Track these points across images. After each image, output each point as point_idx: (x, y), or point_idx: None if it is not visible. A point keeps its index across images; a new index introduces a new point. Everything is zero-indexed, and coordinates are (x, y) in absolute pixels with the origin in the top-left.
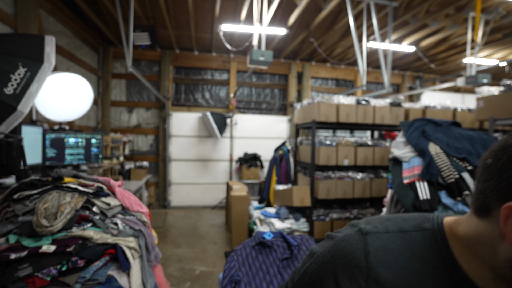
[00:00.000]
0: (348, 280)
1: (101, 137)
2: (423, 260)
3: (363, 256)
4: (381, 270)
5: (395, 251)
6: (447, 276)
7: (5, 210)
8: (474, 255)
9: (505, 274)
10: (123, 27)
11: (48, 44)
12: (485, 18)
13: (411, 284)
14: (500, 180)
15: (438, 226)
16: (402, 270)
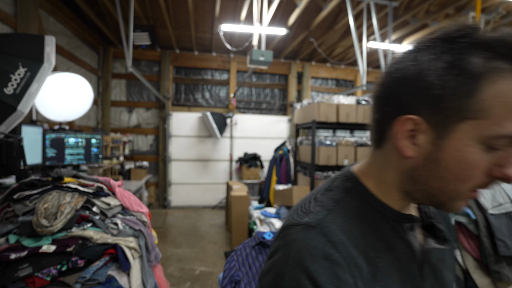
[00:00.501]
0: (331, 280)
1: (101, 137)
2: (367, 216)
3: (331, 247)
4: (355, 252)
5: (348, 226)
6: (383, 219)
7: (5, 210)
8: (384, 184)
9: (408, 188)
10: (123, 27)
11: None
12: (485, 18)
13: (375, 247)
14: (387, 104)
15: (355, 180)
16: (363, 237)
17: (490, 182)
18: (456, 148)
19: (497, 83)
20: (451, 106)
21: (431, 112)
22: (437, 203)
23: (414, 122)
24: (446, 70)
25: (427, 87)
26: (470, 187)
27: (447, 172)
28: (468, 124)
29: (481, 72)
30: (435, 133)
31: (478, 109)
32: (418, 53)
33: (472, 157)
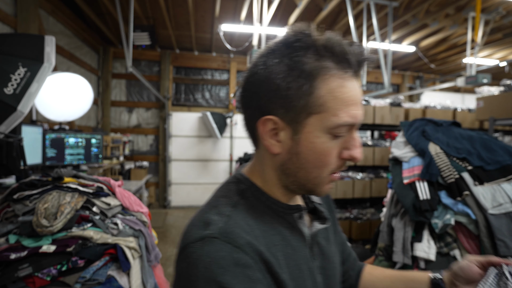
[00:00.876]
0: (251, 285)
1: (101, 137)
2: (262, 213)
3: (240, 252)
4: (261, 250)
5: (249, 227)
6: (276, 214)
7: (5, 210)
8: (268, 182)
9: (284, 182)
10: (123, 27)
11: (48, 44)
12: (485, 18)
13: (274, 241)
14: (250, 107)
15: (247, 181)
16: (263, 235)
17: (343, 164)
18: (309, 140)
19: (328, 81)
20: (298, 104)
21: (284, 111)
22: (308, 191)
23: (273, 122)
24: (288, 72)
25: (277, 89)
26: (328, 171)
27: (306, 162)
28: (314, 118)
29: (315, 72)
30: (291, 129)
31: (318, 104)
32: (267, 58)
33: (323, 146)
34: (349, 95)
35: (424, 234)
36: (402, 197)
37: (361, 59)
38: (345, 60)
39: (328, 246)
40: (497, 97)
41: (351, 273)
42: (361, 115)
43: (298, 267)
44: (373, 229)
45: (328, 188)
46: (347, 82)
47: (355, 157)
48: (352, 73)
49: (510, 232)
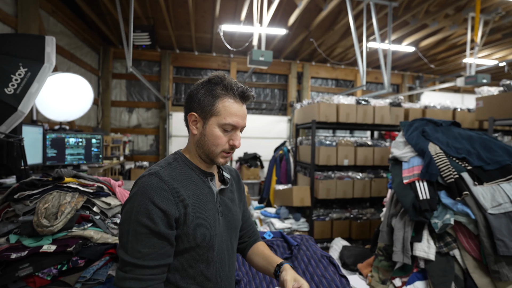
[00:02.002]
0: (162, 200)
1: (101, 137)
2: (186, 171)
3: (162, 182)
4: (175, 185)
5: (174, 174)
6: (195, 174)
7: (6, 210)
8: (192, 154)
9: (199, 152)
10: (123, 27)
11: (49, 44)
12: (485, 19)
13: (191, 187)
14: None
15: (180, 154)
16: (183, 182)
17: (231, 148)
18: (210, 129)
19: (223, 101)
20: (207, 110)
21: (200, 111)
22: (211, 159)
23: (195, 116)
24: (205, 94)
25: (199, 100)
26: (220, 149)
27: (208, 141)
28: (214, 118)
29: (217, 95)
30: (203, 122)
31: (216, 111)
32: (199, 85)
33: (217, 134)
34: (234, 110)
35: (424, 234)
36: (402, 197)
37: (241, 93)
38: (233, 92)
39: (232, 204)
40: (496, 97)
41: (246, 239)
42: (241, 123)
43: (203, 201)
44: (373, 229)
45: (223, 161)
46: (234, 104)
47: (235, 145)
48: (239, 99)
49: (510, 231)
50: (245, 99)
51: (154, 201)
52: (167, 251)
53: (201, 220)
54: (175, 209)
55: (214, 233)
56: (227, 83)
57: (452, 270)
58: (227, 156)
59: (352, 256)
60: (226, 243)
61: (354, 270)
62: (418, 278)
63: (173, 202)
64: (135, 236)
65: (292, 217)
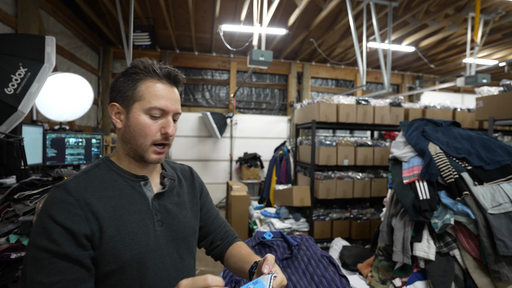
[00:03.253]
0: (66, 215)
1: (101, 137)
2: (109, 178)
3: (67, 195)
4: (86, 197)
5: (89, 184)
6: (122, 179)
7: (6, 210)
8: (120, 156)
9: (126, 150)
10: (123, 27)
11: (49, 44)
12: (485, 19)
13: (112, 197)
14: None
15: (104, 158)
16: (102, 192)
17: (163, 138)
18: (134, 117)
19: (145, 82)
20: (128, 95)
21: (121, 100)
22: (140, 157)
23: (116, 107)
24: (124, 79)
25: (118, 88)
26: (150, 141)
27: (133, 132)
28: (137, 103)
29: (137, 78)
30: (126, 111)
31: (139, 95)
32: (119, 74)
33: (143, 122)
34: (160, 92)
35: (424, 234)
36: (402, 197)
37: (167, 73)
38: (156, 73)
39: (179, 209)
40: (496, 97)
41: (218, 243)
42: (171, 106)
43: (128, 212)
44: (373, 229)
45: (156, 157)
46: (159, 85)
47: (167, 132)
48: (165, 81)
49: (510, 231)
50: (174, 81)
51: (54, 218)
52: (81, 276)
53: (124, 234)
54: (85, 225)
55: (146, 248)
56: (147, 64)
57: (452, 270)
58: (161, 151)
59: (352, 256)
60: (170, 258)
61: (354, 270)
62: (418, 278)
63: (82, 218)
64: (34, 264)
65: (292, 217)
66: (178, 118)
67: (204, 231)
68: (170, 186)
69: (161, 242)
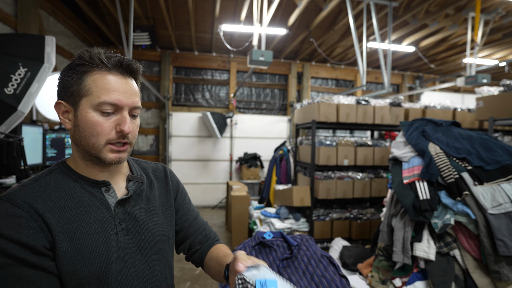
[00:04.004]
0: (18, 230)
1: None
2: (64, 186)
3: (14, 208)
4: (36, 207)
5: (40, 193)
6: (80, 186)
7: None
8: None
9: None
10: (123, 27)
11: (49, 44)
12: (485, 18)
13: (66, 207)
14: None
15: (60, 163)
16: (54, 202)
17: (120, 136)
18: (83, 115)
19: (91, 75)
20: (74, 91)
21: (67, 97)
22: (96, 157)
23: (63, 105)
24: (69, 73)
25: (63, 83)
26: (104, 140)
27: (84, 131)
28: (84, 99)
29: (82, 70)
30: (73, 109)
31: (86, 90)
32: (65, 67)
33: (93, 119)
34: (111, 84)
35: (424, 234)
36: (402, 197)
37: (118, 62)
38: (104, 63)
39: (148, 215)
40: (496, 97)
41: (197, 247)
42: (125, 100)
43: (86, 223)
44: (373, 229)
45: (114, 156)
46: (109, 76)
47: (123, 130)
48: (116, 71)
49: (510, 231)
50: (127, 71)
51: (3, 235)
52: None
53: (81, 248)
54: (43, 237)
55: (108, 261)
56: (94, 54)
57: (452, 270)
58: (120, 149)
59: (352, 256)
60: (136, 270)
61: (354, 270)
62: (418, 278)
63: (37, 230)
64: None
65: (292, 217)
66: (138, 113)
67: (182, 235)
68: (137, 190)
69: (126, 253)
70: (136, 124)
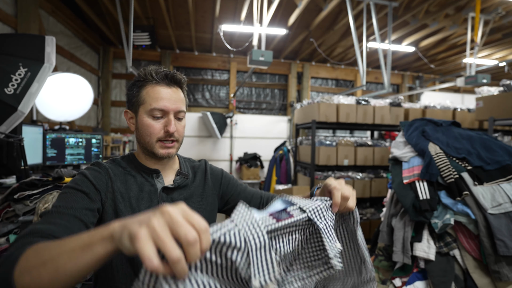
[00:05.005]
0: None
1: (101, 137)
2: (128, 169)
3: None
4: (110, 172)
5: (113, 168)
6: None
7: (6, 210)
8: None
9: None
10: (123, 27)
11: (49, 44)
12: (485, 19)
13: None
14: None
15: (129, 154)
16: (120, 176)
17: (167, 135)
18: (140, 119)
19: (145, 88)
20: (134, 101)
21: (131, 106)
22: (151, 152)
23: (129, 113)
24: (131, 87)
25: (127, 97)
26: (155, 138)
27: (142, 132)
28: (141, 107)
29: (139, 84)
30: (135, 115)
31: (142, 100)
32: (130, 83)
33: (147, 123)
34: (158, 94)
35: (424, 234)
36: (402, 197)
37: (164, 76)
38: (154, 77)
39: (186, 202)
40: (496, 97)
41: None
42: (170, 106)
43: (137, 195)
44: (373, 229)
45: (164, 151)
46: (158, 87)
47: (169, 130)
48: (162, 83)
49: (510, 231)
50: (172, 80)
51: (86, 175)
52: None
53: (131, 209)
54: (104, 190)
55: None
56: (148, 71)
57: (452, 270)
58: (167, 146)
59: None
60: None
61: None
62: (418, 278)
63: (104, 183)
64: (58, 198)
65: None
66: (183, 116)
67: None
68: (182, 183)
69: None
70: (181, 125)
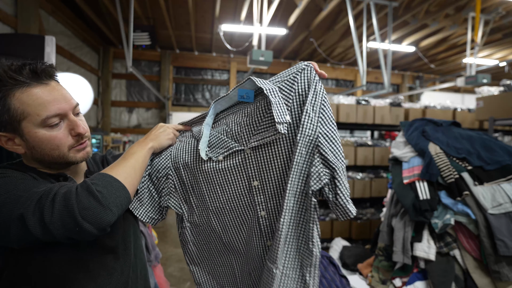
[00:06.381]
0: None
1: (101, 137)
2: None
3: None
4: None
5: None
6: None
7: None
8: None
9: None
10: (123, 27)
11: (48, 44)
12: (485, 18)
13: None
14: None
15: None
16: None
17: (78, 139)
18: (32, 136)
19: (13, 97)
20: (7, 120)
21: (3, 127)
22: (65, 163)
23: (4, 136)
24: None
25: None
26: (66, 148)
27: (43, 150)
28: (24, 122)
29: (2, 96)
30: (18, 135)
31: (20, 113)
32: None
33: (46, 136)
34: (40, 99)
35: (424, 234)
36: (402, 197)
37: (32, 72)
38: (16, 80)
39: None
40: (496, 97)
41: None
42: (65, 105)
43: None
44: (373, 229)
45: (81, 155)
46: (33, 91)
47: (79, 132)
48: (36, 82)
49: (510, 232)
50: (46, 76)
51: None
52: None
53: None
54: None
55: None
56: (2, 74)
57: (452, 270)
58: (83, 147)
59: (352, 256)
60: None
61: (354, 270)
62: (418, 278)
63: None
64: None
65: None
66: (79, 109)
67: None
68: None
69: None
70: (83, 120)
